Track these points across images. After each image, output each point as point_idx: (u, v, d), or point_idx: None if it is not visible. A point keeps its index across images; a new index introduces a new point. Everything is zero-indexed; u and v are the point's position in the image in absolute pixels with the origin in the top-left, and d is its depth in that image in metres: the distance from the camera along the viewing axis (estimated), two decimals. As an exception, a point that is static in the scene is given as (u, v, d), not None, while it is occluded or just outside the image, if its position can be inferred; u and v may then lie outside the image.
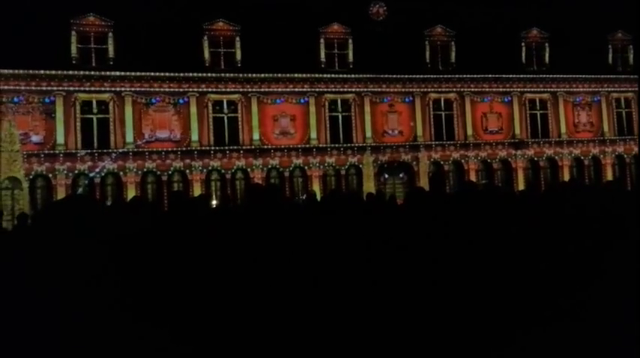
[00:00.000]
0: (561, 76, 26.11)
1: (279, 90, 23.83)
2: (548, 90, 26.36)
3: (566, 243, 3.51)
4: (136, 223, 3.19)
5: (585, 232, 4.45)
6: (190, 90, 22.75)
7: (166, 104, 22.60)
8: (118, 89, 22.03)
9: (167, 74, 22.32)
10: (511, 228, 3.51)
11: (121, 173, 21.89)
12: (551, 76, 26.13)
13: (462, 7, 25.23)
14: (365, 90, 24.57)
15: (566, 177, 24.54)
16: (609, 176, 25.53)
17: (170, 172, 22.52)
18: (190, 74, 22.61)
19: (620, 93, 27.26)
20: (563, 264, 3.13)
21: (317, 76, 24.05)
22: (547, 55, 26.33)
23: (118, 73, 21.84)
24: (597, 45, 26.58)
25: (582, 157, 26.37)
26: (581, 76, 26.29)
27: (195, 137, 22.76)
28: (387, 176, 24.58)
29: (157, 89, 22.48)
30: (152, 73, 22.14)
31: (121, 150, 21.90)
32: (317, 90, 24.13)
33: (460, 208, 4.27)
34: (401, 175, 24.82)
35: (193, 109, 22.74)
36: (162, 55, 21.04)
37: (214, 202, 19.57)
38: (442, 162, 24.92)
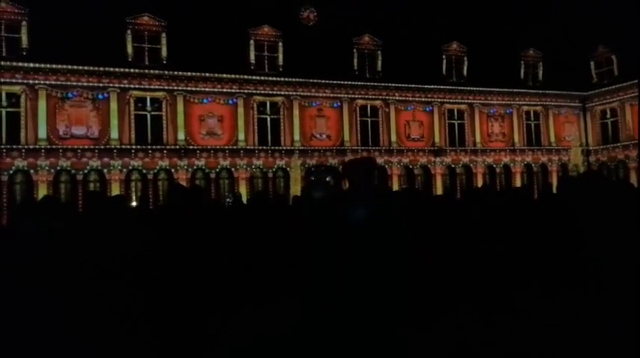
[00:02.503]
0: (478, 88, 27.72)
1: (207, 89, 23.33)
2: (466, 101, 27.91)
3: (478, 241, 3.74)
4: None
5: (496, 232, 4.79)
6: (111, 85, 21.72)
7: (84, 99, 21.42)
8: (31, 81, 20.59)
9: (85, 68, 21.17)
10: (432, 227, 3.69)
11: (32, 171, 20.47)
12: (468, 88, 27.66)
13: (389, 18, 26.12)
14: (294, 93, 24.72)
15: (480, 183, 26.08)
16: (518, 183, 27.45)
17: (86, 171, 21.35)
18: (111, 69, 21.58)
19: (530, 106, 29.40)
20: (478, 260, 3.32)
21: (246, 77, 23.81)
22: (465, 68, 27.88)
23: (31, 65, 20.41)
24: (511, 61, 28.59)
25: (494, 165, 28.15)
26: (495, 89, 28.06)
27: (115, 135, 21.75)
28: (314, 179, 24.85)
29: (75, 83, 21.26)
30: (69, 66, 20.91)
31: (32, 147, 20.51)
32: (246, 91, 23.91)
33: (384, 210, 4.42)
34: (327, 179, 25.19)
35: (114, 105, 21.73)
36: (81, 48, 19.91)
37: (134, 203, 18.83)
38: (367, 167, 25.55)
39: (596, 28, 28.29)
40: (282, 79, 24.39)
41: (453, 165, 27.33)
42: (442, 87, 27.25)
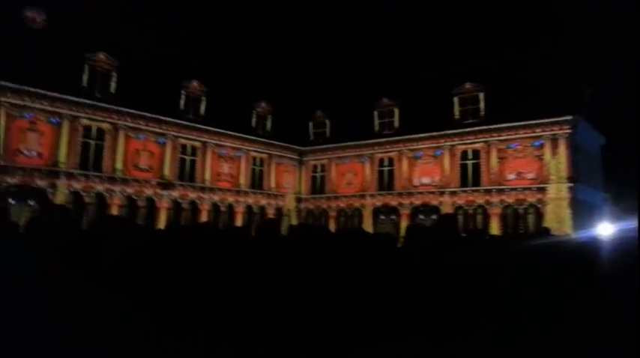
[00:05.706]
0: (213, 128, 28.70)
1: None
2: (200, 139, 28.54)
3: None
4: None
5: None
6: None
7: None
8: None
9: None
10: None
11: None
12: (204, 127, 28.38)
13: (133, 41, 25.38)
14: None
15: (204, 219, 26.64)
16: (239, 222, 29.00)
17: None
18: None
19: (258, 153, 31.81)
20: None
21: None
22: (203, 107, 28.74)
23: None
24: (245, 108, 30.85)
25: (220, 204, 29.22)
26: (229, 132, 29.54)
27: None
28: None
29: None
30: None
31: None
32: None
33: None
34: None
35: None
36: None
37: None
38: (83, 194, 23.42)
39: (316, 94, 33.03)
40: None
41: (180, 200, 27.23)
42: (179, 121, 27.39)
